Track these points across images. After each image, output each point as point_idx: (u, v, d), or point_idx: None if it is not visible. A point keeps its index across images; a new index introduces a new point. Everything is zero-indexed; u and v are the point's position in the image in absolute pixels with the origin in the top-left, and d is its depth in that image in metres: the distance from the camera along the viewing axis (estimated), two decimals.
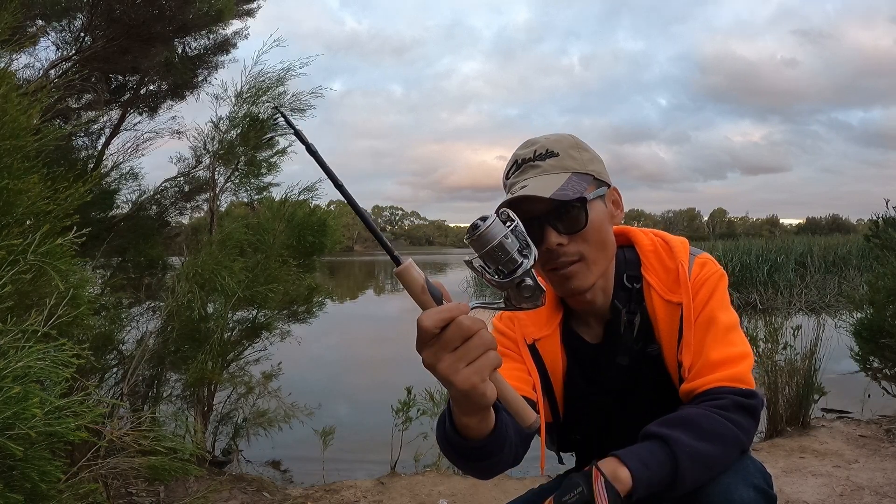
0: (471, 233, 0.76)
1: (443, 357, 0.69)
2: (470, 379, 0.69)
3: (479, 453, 0.86)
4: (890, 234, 4.09)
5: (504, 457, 0.91)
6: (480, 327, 0.69)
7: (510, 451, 0.93)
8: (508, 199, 1.01)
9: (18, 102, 1.51)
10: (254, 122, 3.47)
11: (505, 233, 0.76)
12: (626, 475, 0.84)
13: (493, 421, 0.83)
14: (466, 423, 0.81)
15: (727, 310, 1.04)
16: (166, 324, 2.93)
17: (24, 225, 1.47)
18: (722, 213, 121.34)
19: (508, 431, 0.89)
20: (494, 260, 0.76)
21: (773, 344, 3.73)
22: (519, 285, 0.77)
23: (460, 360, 0.69)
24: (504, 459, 0.92)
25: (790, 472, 2.86)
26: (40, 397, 1.16)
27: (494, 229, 0.76)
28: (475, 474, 0.98)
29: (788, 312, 7.79)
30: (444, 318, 0.68)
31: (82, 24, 3.04)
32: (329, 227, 3.67)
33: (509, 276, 0.76)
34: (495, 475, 0.98)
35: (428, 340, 0.69)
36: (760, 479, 0.92)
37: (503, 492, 2.73)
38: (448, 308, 0.69)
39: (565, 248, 1.01)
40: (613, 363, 1.09)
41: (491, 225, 0.76)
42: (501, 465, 0.95)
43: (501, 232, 0.76)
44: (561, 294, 1.11)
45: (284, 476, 3.51)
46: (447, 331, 0.68)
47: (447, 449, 0.90)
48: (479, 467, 0.93)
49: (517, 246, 0.77)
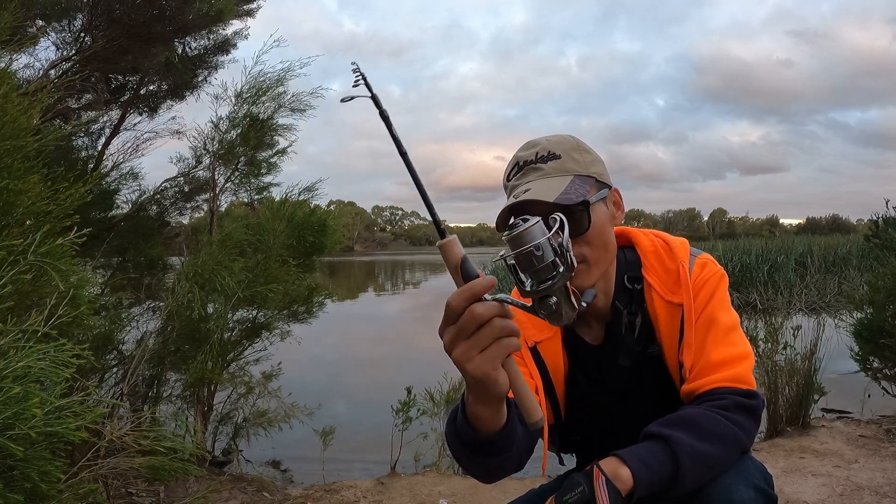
0: (509, 230, 0.75)
1: (458, 343, 0.70)
2: (481, 367, 0.70)
3: (490, 448, 0.86)
4: (890, 234, 4.09)
5: (512, 455, 0.91)
6: (495, 313, 0.69)
7: (517, 452, 0.93)
8: (511, 203, 1.00)
9: (18, 102, 1.51)
10: (254, 122, 3.47)
11: (541, 240, 0.73)
12: (628, 475, 0.84)
13: (506, 416, 0.83)
14: (479, 414, 0.81)
15: (728, 310, 1.04)
16: (166, 324, 2.93)
17: (24, 225, 1.47)
18: (722, 214, 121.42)
19: (518, 430, 0.89)
20: (526, 264, 0.74)
21: (773, 344, 3.73)
22: (542, 299, 0.75)
23: (473, 348, 0.70)
24: (511, 459, 0.92)
25: (790, 472, 2.86)
26: (40, 397, 1.16)
27: (533, 233, 0.73)
28: (480, 474, 0.97)
29: (788, 312, 7.77)
30: (466, 297, 0.69)
31: (82, 25, 3.04)
32: (329, 227, 3.67)
33: (538, 285, 0.74)
34: (499, 478, 0.98)
35: (453, 320, 0.70)
36: (761, 479, 0.92)
37: (503, 492, 2.73)
38: (470, 286, 0.69)
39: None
40: (615, 364, 1.09)
41: (531, 228, 0.73)
42: (507, 466, 0.95)
43: (538, 238, 0.73)
44: None
45: (284, 476, 3.51)
46: (462, 318, 0.69)
47: (457, 444, 0.90)
48: (486, 465, 0.92)
49: (551, 258, 0.74)
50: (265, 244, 3.37)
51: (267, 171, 3.68)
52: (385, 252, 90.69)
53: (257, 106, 3.50)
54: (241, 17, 3.73)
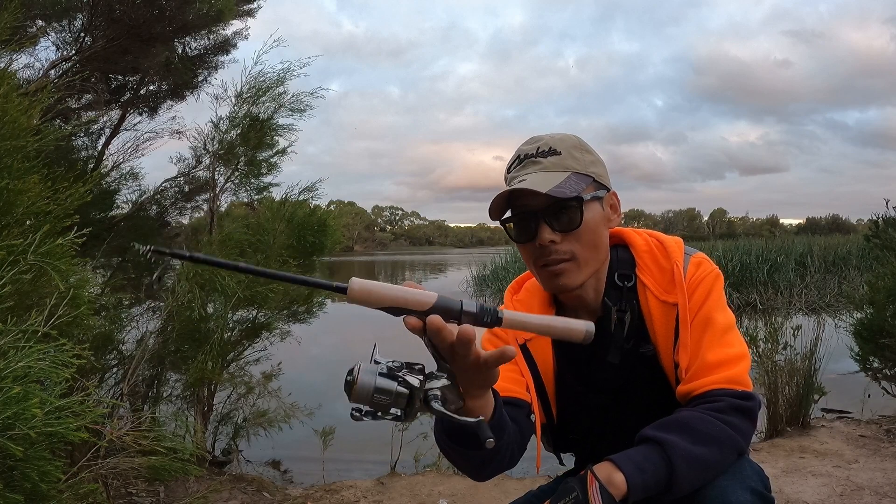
0: (347, 391, 0.71)
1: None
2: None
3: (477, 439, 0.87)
4: (890, 234, 4.09)
5: (502, 448, 0.92)
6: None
7: (508, 446, 0.93)
8: (506, 190, 1.02)
9: (19, 103, 1.51)
10: (254, 122, 3.47)
11: (375, 375, 0.70)
12: (621, 480, 0.84)
13: (493, 406, 0.85)
14: (470, 407, 0.82)
15: (724, 310, 1.04)
16: (166, 324, 2.93)
17: (24, 225, 1.47)
18: (722, 214, 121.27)
19: (507, 422, 0.90)
20: (381, 405, 0.70)
21: (773, 344, 3.72)
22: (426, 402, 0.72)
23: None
24: (501, 453, 0.93)
25: (790, 472, 2.86)
26: (40, 397, 1.16)
27: (364, 377, 0.70)
28: (473, 469, 0.98)
29: (788, 312, 7.78)
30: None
31: (82, 25, 3.04)
32: (329, 227, 3.67)
33: (408, 405, 0.71)
34: (491, 473, 0.99)
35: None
36: (758, 481, 0.91)
37: (503, 492, 2.73)
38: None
39: (557, 245, 1.02)
40: (605, 362, 1.08)
41: (359, 373, 0.70)
42: (498, 462, 0.95)
43: (372, 376, 0.70)
44: (548, 290, 1.11)
45: (284, 476, 3.51)
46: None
47: (445, 439, 0.91)
48: (477, 458, 0.93)
49: (395, 383, 0.70)
50: (265, 244, 3.37)
51: (267, 171, 3.68)
52: (385, 252, 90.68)
53: (257, 106, 3.50)
54: (241, 18, 3.73)
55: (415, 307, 0.70)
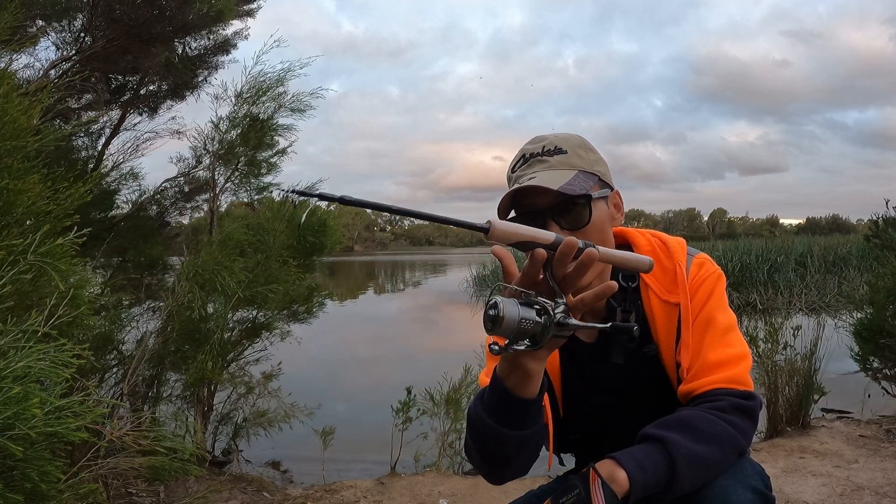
0: (492, 326, 0.75)
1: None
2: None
3: (522, 411, 0.89)
4: (890, 234, 4.10)
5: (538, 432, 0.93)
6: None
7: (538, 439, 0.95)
8: (515, 188, 1.01)
9: (19, 103, 1.51)
10: (254, 122, 3.47)
11: (517, 305, 0.76)
12: (623, 477, 0.84)
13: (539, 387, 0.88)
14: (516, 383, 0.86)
15: (725, 310, 1.04)
16: (166, 324, 2.93)
17: (24, 225, 1.47)
18: (722, 214, 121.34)
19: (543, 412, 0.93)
20: (525, 332, 0.77)
21: (773, 344, 3.73)
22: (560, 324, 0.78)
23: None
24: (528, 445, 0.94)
25: (790, 472, 2.86)
26: (40, 397, 1.16)
27: (510, 308, 0.75)
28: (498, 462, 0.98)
29: (788, 312, 7.78)
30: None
31: (82, 25, 3.04)
32: (329, 227, 3.67)
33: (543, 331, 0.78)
34: (508, 475, 0.99)
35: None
36: (759, 481, 0.91)
37: (503, 491, 2.73)
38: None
39: None
40: (608, 362, 1.08)
41: (506, 308, 0.75)
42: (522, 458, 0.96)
43: (515, 306, 0.75)
44: None
45: (284, 476, 3.51)
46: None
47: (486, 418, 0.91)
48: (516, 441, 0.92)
49: (533, 312, 0.77)
50: (265, 244, 3.37)
51: (267, 171, 3.68)
52: (385, 252, 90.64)
53: (257, 106, 3.50)
54: (240, 18, 3.74)
55: (542, 240, 0.78)
